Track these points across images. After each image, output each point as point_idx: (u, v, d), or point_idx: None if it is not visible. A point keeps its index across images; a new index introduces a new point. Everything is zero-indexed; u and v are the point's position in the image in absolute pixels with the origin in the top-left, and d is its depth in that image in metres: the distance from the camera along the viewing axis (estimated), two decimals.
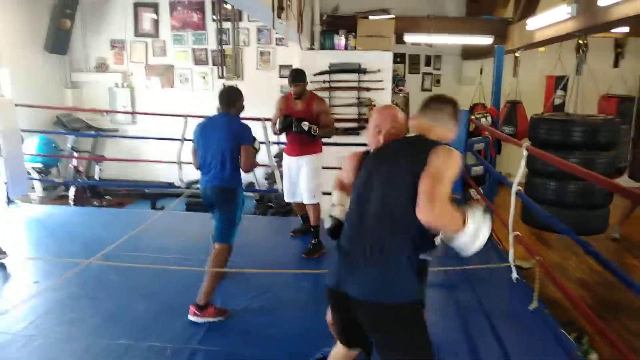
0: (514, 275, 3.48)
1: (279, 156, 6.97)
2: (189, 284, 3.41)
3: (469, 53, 8.41)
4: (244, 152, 3.20)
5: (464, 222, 1.64)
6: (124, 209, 7.09)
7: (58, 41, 7.42)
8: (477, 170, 5.16)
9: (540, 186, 4.67)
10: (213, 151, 3.21)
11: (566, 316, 3.62)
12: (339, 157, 4.18)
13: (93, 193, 7.15)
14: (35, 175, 6.51)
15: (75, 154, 7.38)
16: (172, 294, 3.36)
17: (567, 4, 4.52)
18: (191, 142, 3.40)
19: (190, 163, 3.49)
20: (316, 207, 4.13)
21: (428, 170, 1.67)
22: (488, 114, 5.52)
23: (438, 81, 8.76)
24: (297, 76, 4.01)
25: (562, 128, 4.54)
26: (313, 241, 4.10)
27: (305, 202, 4.16)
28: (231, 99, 3.31)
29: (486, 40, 6.87)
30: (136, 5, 7.85)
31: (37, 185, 6.81)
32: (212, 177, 3.19)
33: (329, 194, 2.30)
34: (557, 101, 6.78)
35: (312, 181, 4.08)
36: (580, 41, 4.97)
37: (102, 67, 8.11)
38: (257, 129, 3.69)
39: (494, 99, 5.43)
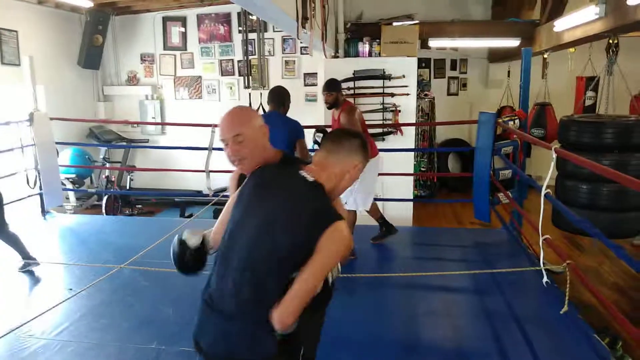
0: (545, 279, 3.40)
1: None
2: None
3: (496, 56, 8.31)
4: (300, 145, 3.62)
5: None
6: (154, 217, 7.26)
7: (91, 57, 7.67)
8: (505, 174, 5.08)
9: (572, 189, 4.56)
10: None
11: (600, 321, 3.52)
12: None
13: (124, 202, 7.33)
14: (69, 185, 6.73)
15: (108, 165, 7.59)
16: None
17: (595, 4, 4.43)
18: None
19: (218, 171, 3.64)
20: (350, 214, 4.15)
21: (311, 262, 1.44)
22: (516, 117, 5.43)
23: (464, 85, 8.67)
24: (327, 85, 4.09)
25: (592, 130, 4.44)
26: None
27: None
28: (282, 98, 3.69)
29: (513, 42, 6.78)
30: (165, 20, 8.05)
31: (71, 195, 7.03)
32: None
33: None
34: (588, 102, 6.63)
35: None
36: (611, 41, 4.86)
37: (132, 80, 8.33)
38: None
39: (522, 101, 5.34)
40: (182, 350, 2.78)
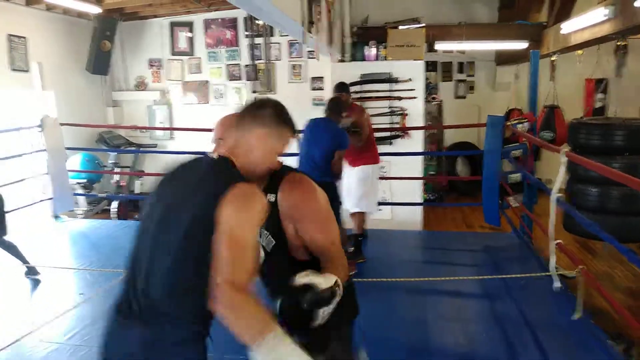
0: (556, 284, 3.37)
1: None
2: None
3: (503, 58, 8.28)
4: (338, 156, 3.72)
5: (266, 331, 1.26)
6: None
7: (99, 62, 7.70)
8: (515, 177, 5.05)
9: (582, 192, 4.53)
10: (316, 150, 3.68)
11: (614, 327, 3.48)
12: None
13: (134, 207, 7.36)
14: (79, 190, 6.77)
15: (117, 170, 7.62)
16: None
17: (604, 6, 4.41)
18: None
19: None
20: (358, 216, 4.20)
21: (223, 233, 1.28)
22: (525, 120, 5.41)
23: (472, 88, 8.63)
24: (337, 87, 4.34)
25: (602, 132, 4.41)
26: (350, 249, 4.11)
27: (349, 210, 4.23)
28: (340, 108, 3.89)
29: (520, 45, 6.76)
30: (172, 25, 8.09)
31: (82, 200, 7.07)
32: (317, 173, 3.55)
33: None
34: (598, 105, 6.59)
35: (357, 190, 4.16)
36: (619, 43, 4.84)
37: (141, 85, 8.38)
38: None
39: (530, 104, 5.32)
40: None
